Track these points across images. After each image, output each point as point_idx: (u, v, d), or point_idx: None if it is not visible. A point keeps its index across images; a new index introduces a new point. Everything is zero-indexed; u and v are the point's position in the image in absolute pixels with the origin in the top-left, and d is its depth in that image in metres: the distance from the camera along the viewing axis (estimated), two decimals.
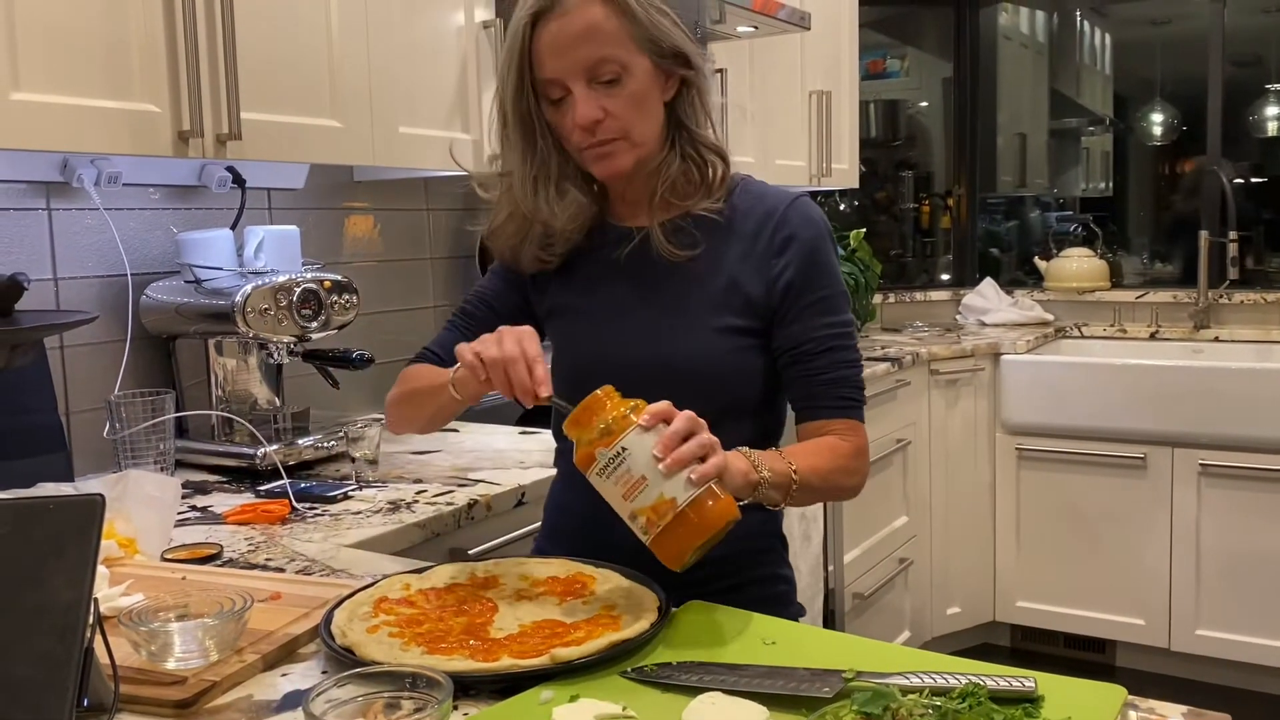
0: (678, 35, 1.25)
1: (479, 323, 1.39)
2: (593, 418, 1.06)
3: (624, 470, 1.04)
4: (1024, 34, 4.68)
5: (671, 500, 1.03)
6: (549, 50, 1.22)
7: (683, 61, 1.27)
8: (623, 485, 1.04)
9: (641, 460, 1.03)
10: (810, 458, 1.24)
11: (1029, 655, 3.54)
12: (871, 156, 4.36)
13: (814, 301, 1.29)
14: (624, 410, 1.06)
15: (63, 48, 1.45)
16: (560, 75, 1.23)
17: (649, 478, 1.03)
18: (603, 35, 1.21)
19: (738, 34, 2.90)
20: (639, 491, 1.03)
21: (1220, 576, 3.20)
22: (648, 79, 1.25)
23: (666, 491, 1.03)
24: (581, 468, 1.07)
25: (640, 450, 1.04)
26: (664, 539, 1.04)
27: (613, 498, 1.06)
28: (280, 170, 2.11)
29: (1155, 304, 3.92)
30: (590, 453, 1.05)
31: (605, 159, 1.27)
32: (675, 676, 0.94)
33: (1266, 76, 4.12)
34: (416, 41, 2.00)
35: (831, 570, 2.82)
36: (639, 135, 1.26)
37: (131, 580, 1.18)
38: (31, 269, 1.70)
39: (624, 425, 1.04)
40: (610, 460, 1.04)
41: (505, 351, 1.12)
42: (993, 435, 3.53)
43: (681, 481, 1.03)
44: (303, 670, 1.01)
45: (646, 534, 1.05)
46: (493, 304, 1.42)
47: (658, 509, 1.03)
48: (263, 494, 1.71)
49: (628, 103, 1.24)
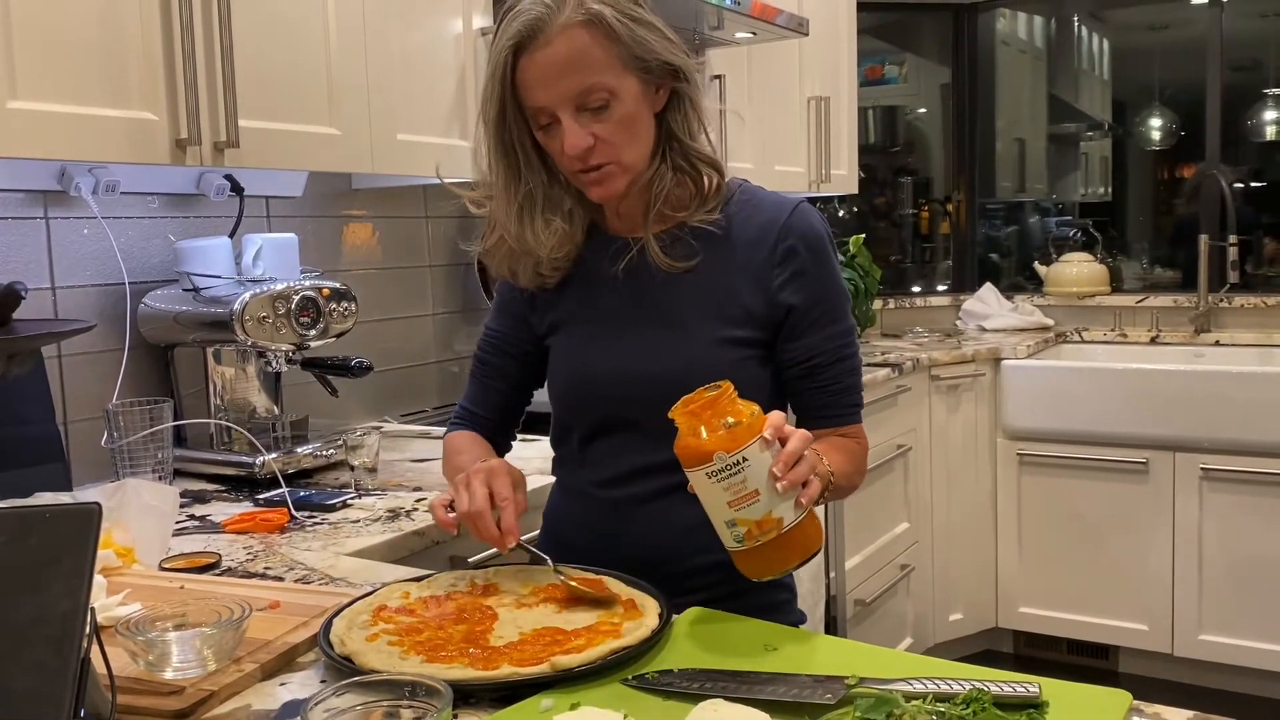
0: (664, 47, 1.23)
1: (497, 371, 1.44)
2: (720, 414, 1.03)
3: (740, 479, 1.01)
4: (1022, 39, 4.69)
5: (779, 520, 1.03)
6: (535, 81, 1.20)
7: (672, 73, 1.25)
8: (732, 493, 1.02)
9: (759, 474, 1.01)
10: (838, 456, 1.25)
11: (1032, 661, 3.53)
12: (870, 162, 4.36)
13: (821, 314, 1.29)
14: (748, 416, 1.04)
15: (60, 56, 1.44)
16: (547, 105, 1.21)
17: (762, 493, 1.02)
18: (588, 63, 1.19)
19: (736, 40, 2.90)
20: (749, 504, 1.02)
21: (1223, 581, 3.19)
22: (636, 99, 1.23)
23: (775, 510, 1.02)
24: (690, 460, 1.03)
25: (759, 464, 1.02)
26: (757, 554, 1.04)
27: (714, 500, 1.03)
28: (278, 178, 2.11)
29: (1155, 308, 3.92)
30: (707, 450, 1.02)
31: (599, 184, 1.26)
32: (677, 684, 0.93)
33: (1265, 81, 4.13)
34: (414, 49, 2.00)
35: (833, 577, 2.82)
36: (630, 159, 1.25)
37: (129, 590, 1.17)
38: (29, 278, 1.70)
39: (750, 434, 1.02)
40: (728, 466, 1.01)
41: (474, 506, 1.16)
42: (994, 441, 3.52)
43: (790, 503, 1.03)
44: (301, 679, 1.00)
45: (742, 544, 1.04)
46: (504, 348, 1.43)
47: (762, 525, 1.02)
48: (261, 503, 1.71)
49: (617, 127, 1.22)
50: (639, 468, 1.30)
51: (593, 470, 1.35)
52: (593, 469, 1.35)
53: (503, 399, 1.45)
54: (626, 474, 1.31)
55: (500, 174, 1.29)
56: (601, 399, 1.32)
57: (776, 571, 1.06)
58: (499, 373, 1.44)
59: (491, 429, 1.45)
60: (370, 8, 1.90)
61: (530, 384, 1.47)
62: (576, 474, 1.38)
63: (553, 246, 1.30)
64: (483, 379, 1.45)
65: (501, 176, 1.29)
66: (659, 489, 1.28)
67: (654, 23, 1.23)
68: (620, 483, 1.32)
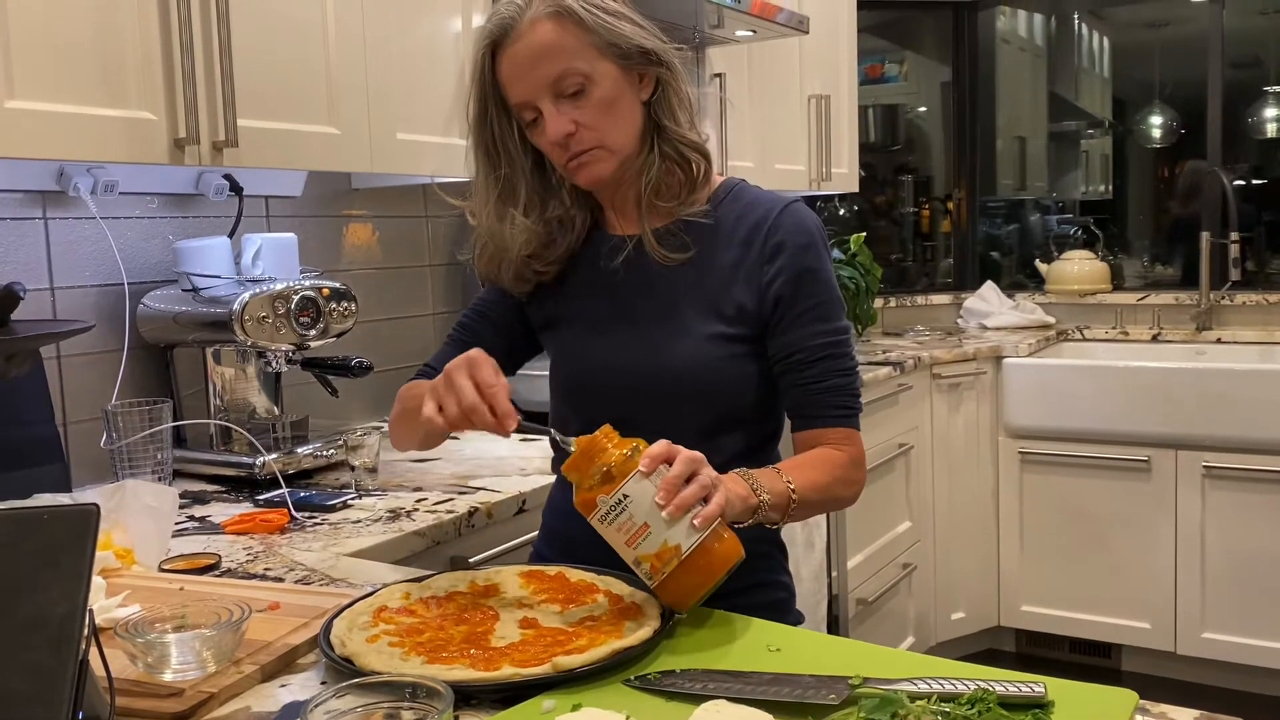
0: (636, 33, 1.25)
1: (475, 335, 1.41)
2: (592, 462, 1.05)
3: (626, 518, 1.02)
4: (1022, 37, 4.68)
5: (676, 547, 1.02)
6: (512, 76, 1.24)
7: (651, 59, 1.26)
8: (625, 532, 1.03)
9: (644, 507, 1.02)
10: (808, 472, 1.23)
11: (1034, 660, 3.53)
12: (871, 161, 4.35)
13: (806, 310, 1.28)
14: (624, 453, 1.04)
15: (58, 55, 1.44)
16: (527, 97, 1.24)
17: (651, 524, 1.02)
18: (559, 50, 1.22)
19: (736, 38, 2.89)
20: (642, 538, 1.02)
21: (1225, 579, 3.19)
22: (615, 83, 1.25)
23: (670, 538, 1.02)
24: (583, 512, 1.05)
25: (642, 496, 1.02)
26: (669, 585, 1.04)
27: (616, 543, 1.04)
28: (278, 178, 2.10)
29: (1157, 306, 3.91)
30: (591, 499, 1.04)
31: (584, 168, 1.27)
32: (679, 684, 0.93)
33: (1265, 78, 4.12)
34: (413, 48, 2.00)
35: (835, 576, 2.81)
36: (615, 141, 1.27)
37: (129, 591, 1.17)
38: (28, 278, 1.70)
39: (625, 470, 1.03)
40: (612, 508, 1.02)
41: (465, 400, 1.08)
42: (995, 439, 3.51)
43: (685, 527, 1.02)
44: (301, 681, 1.00)
45: (651, 579, 1.04)
46: (488, 314, 1.43)
47: (661, 556, 1.02)
48: (261, 503, 1.70)
49: (597, 111, 1.24)
50: None
51: None
52: None
53: None
54: None
55: (480, 171, 1.32)
56: (599, 394, 1.33)
57: (697, 596, 1.05)
58: (476, 337, 1.39)
59: None
60: (369, 7, 1.89)
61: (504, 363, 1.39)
62: None
63: (522, 244, 1.32)
64: (460, 341, 1.41)
65: (480, 173, 1.32)
66: None
67: (623, 11, 1.26)
68: None
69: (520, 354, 1.45)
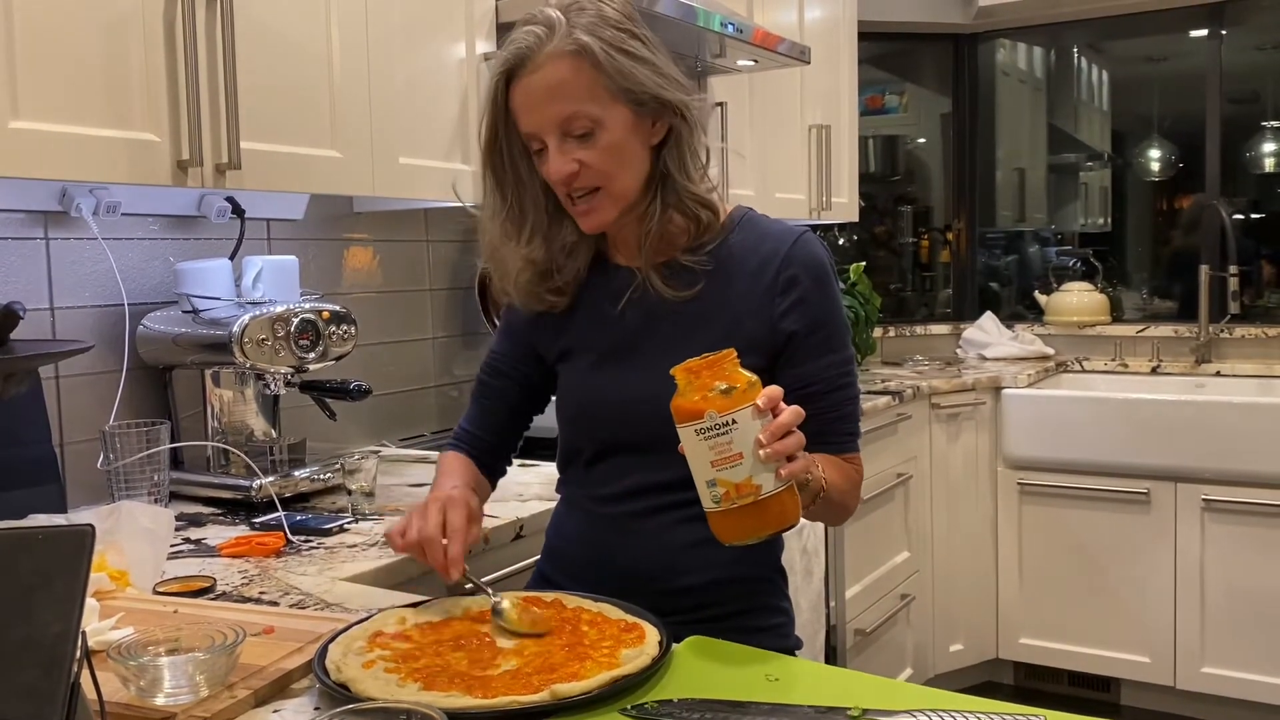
0: (655, 83, 1.23)
1: (497, 394, 1.46)
2: (716, 376, 1.07)
3: (726, 440, 1.05)
4: (1022, 70, 4.71)
5: (757, 486, 1.05)
6: (523, 107, 1.24)
7: (666, 109, 1.25)
8: (717, 452, 1.05)
9: (745, 439, 1.05)
10: (833, 472, 1.26)
11: (1033, 693, 3.50)
12: (871, 191, 4.36)
13: (820, 342, 1.30)
14: (749, 381, 1.07)
15: (62, 76, 1.44)
16: (534, 130, 1.24)
17: (746, 457, 1.05)
18: (572, 90, 1.21)
19: (738, 67, 2.91)
20: (731, 465, 1.05)
21: (1225, 613, 3.17)
22: (625, 129, 1.23)
23: (755, 476, 1.05)
24: (681, 418, 1.07)
25: (748, 429, 1.05)
26: (731, 517, 1.07)
27: (699, 457, 1.07)
28: (280, 200, 2.11)
29: (1156, 338, 3.92)
30: (699, 408, 1.05)
31: (587, 215, 1.28)
32: (677, 714, 0.92)
33: (1263, 113, 4.14)
34: (417, 73, 2.01)
35: (833, 606, 2.79)
36: (619, 187, 1.26)
37: (123, 613, 1.16)
38: (28, 298, 1.69)
39: (744, 399, 1.05)
40: (717, 425, 1.05)
41: (424, 533, 1.19)
42: (994, 470, 3.51)
43: (772, 473, 1.05)
44: (295, 706, 0.99)
45: (719, 504, 1.07)
46: (499, 368, 1.47)
47: (740, 488, 1.05)
48: (257, 526, 1.69)
49: (603, 155, 1.23)
50: (639, 486, 1.32)
51: (594, 488, 1.37)
52: (594, 487, 1.37)
53: (501, 422, 1.47)
54: (626, 491, 1.33)
55: (489, 192, 1.33)
56: (607, 424, 1.34)
57: (748, 537, 1.08)
58: (499, 395, 1.46)
59: (488, 450, 1.47)
60: (374, 31, 1.90)
61: (529, 409, 1.49)
62: (579, 491, 1.40)
63: (520, 269, 1.33)
64: (482, 400, 1.48)
65: (491, 197, 1.33)
66: (656, 506, 1.31)
67: (649, 58, 1.24)
68: (619, 499, 1.34)
69: (540, 396, 1.48)
